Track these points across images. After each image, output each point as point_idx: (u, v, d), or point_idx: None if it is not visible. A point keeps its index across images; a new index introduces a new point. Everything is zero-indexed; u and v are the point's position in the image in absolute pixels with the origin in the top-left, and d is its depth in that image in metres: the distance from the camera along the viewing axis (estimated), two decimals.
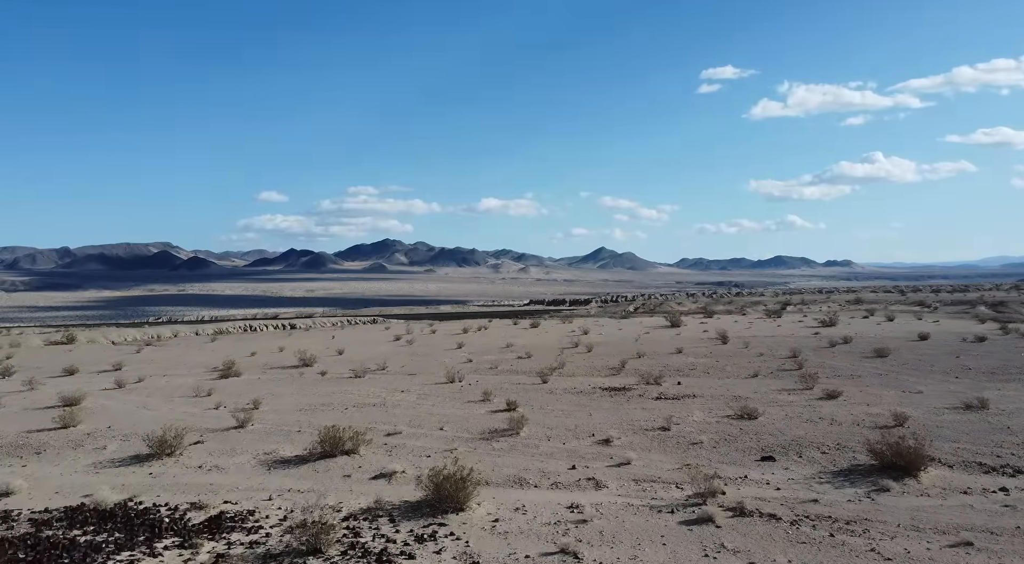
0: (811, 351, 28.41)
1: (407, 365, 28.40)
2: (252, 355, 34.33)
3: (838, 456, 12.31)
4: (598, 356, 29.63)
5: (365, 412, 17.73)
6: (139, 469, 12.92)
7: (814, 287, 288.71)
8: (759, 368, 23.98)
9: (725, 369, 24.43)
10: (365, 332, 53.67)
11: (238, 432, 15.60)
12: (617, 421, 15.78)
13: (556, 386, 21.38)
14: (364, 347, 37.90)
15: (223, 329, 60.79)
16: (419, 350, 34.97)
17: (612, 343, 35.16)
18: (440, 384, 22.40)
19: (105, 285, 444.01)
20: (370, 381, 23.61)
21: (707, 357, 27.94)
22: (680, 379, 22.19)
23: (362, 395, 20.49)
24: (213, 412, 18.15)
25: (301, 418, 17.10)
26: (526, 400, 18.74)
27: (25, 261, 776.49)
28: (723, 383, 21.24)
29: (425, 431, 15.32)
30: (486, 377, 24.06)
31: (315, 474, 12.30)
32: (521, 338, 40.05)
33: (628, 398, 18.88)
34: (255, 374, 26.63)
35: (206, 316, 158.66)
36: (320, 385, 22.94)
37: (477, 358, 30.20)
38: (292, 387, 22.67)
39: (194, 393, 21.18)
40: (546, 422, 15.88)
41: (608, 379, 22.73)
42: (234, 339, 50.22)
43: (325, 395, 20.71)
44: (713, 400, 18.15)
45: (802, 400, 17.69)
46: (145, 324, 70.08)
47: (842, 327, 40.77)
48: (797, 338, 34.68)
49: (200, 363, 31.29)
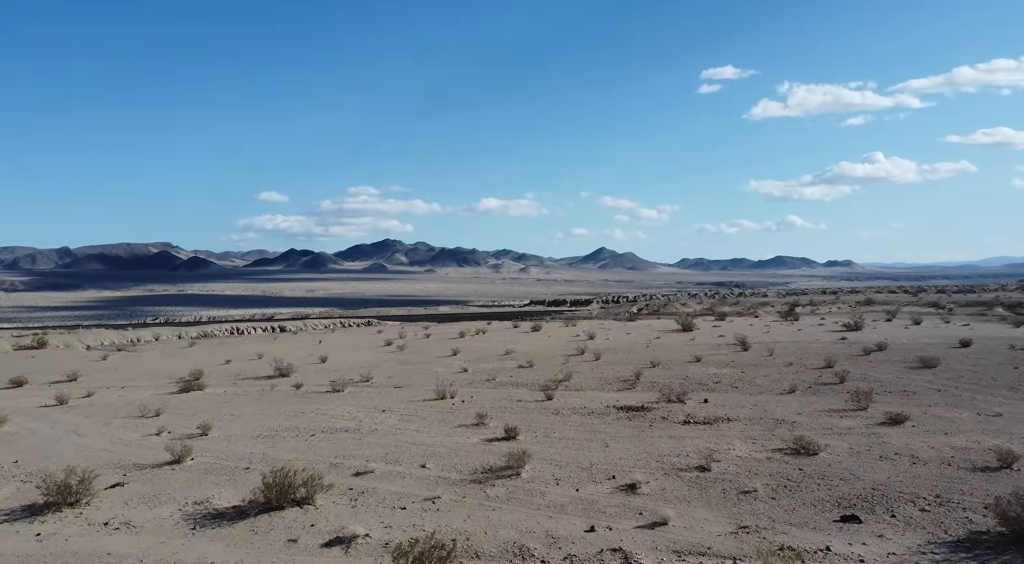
0: (846, 360, 25.42)
1: (394, 376, 25.41)
2: (226, 363, 31.33)
3: (944, 516, 9.30)
4: (607, 365, 26.66)
5: (334, 440, 14.74)
6: (26, 528, 9.93)
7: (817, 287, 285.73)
8: (794, 381, 20.98)
9: (755, 382, 21.43)
10: (355, 336, 50.62)
11: (172, 470, 12.60)
12: (641, 455, 12.79)
13: (563, 403, 18.39)
14: (351, 353, 34.90)
15: (208, 332, 57.71)
16: (410, 357, 31.98)
17: (621, 349, 32.17)
18: (429, 401, 19.40)
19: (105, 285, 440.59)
20: (349, 396, 20.62)
21: (730, 367, 24.95)
22: (706, 395, 19.20)
23: (336, 415, 17.49)
24: (153, 440, 15.15)
25: (255, 449, 14.11)
26: (528, 423, 15.76)
27: (25, 261, 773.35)
28: (757, 401, 18.24)
29: (403, 469, 12.33)
30: (482, 391, 21.08)
31: (251, 537, 9.32)
32: (522, 343, 37.07)
33: (650, 421, 15.88)
34: (222, 387, 23.64)
35: (204, 316, 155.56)
36: (290, 402, 19.94)
37: (473, 367, 27.22)
38: (257, 404, 19.65)
39: (141, 413, 18.19)
40: (553, 456, 12.89)
41: (622, 395, 19.74)
42: (215, 343, 47.16)
43: (293, 415, 17.72)
44: (752, 425, 15.16)
45: (861, 426, 14.69)
46: (128, 327, 67.11)
47: (868, 331, 37.78)
48: (823, 344, 31.68)
49: (166, 373, 28.29)
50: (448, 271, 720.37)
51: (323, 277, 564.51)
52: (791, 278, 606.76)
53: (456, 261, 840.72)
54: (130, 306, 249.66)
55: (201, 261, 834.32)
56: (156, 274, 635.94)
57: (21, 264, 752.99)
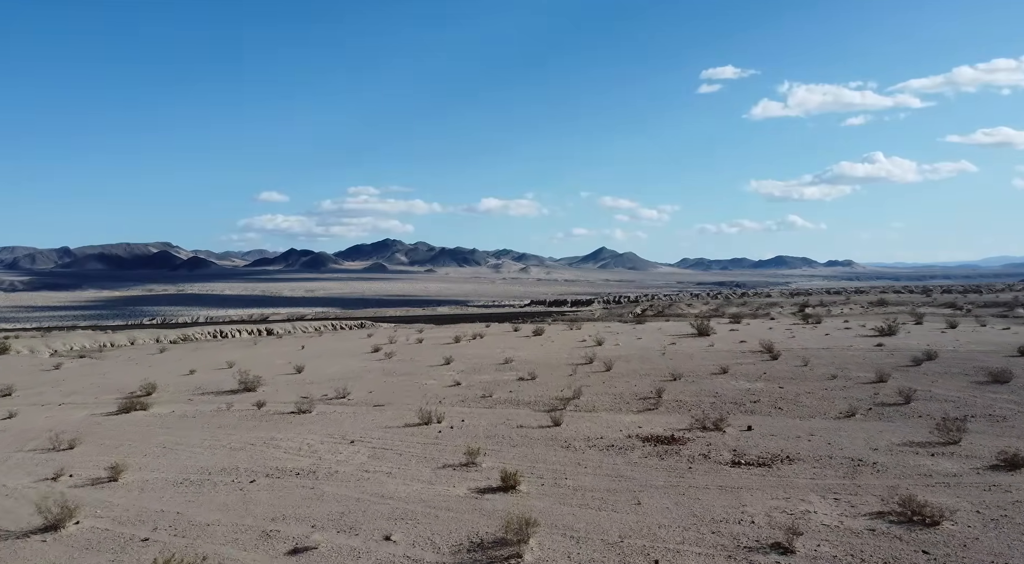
0: (897, 372, 21.98)
1: (376, 391, 22.00)
2: (190, 373, 27.91)
3: None
4: (621, 377, 23.24)
5: (279, 490, 11.30)
6: None
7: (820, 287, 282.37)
8: (849, 401, 17.54)
9: (799, 401, 18.01)
10: (343, 340, 47.07)
11: (41, 542, 9.18)
12: (688, 520, 9.37)
13: (574, 431, 14.97)
14: (332, 361, 31.46)
15: (189, 336, 54.14)
16: (397, 367, 28.55)
17: (634, 358, 28.73)
18: (410, 427, 15.97)
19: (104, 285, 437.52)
20: (316, 419, 17.20)
21: (764, 381, 21.52)
22: (747, 419, 15.79)
23: (291, 449, 14.06)
24: (43, 488, 11.71)
25: (170, 504, 10.68)
26: (532, 463, 12.34)
27: (25, 261, 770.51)
28: (812, 428, 14.82)
29: (359, 543, 8.89)
30: (476, 412, 17.67)
31: None
32: (523, 350, 33.63)
33: (688, 461, 12.43)
34: (172, 405, 20.21)
35: (201, 317, 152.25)
36: (243, 427, 16.50)
37: (468, 379, 23.81)
38: (202, 431, 16.21)
39: (52, 444, 14.72)
40: (567, 520, 9.47)
41: (644, 418, 16.32)
42: (190, 349, 43.64)
43: (238, 448, 14.28)
44: (824, 468, 11.72)
45: (969, 471, 11.26)
46: (108, 329, 63.72)
47: (904, 336, 34.30)
48: (860, 352, 28.23)
49: (117, 386, 24.87)
50: (448, 271, 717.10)
51: (323, 277, 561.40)
52: (792, 278, 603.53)
53: (456, 261, 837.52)
54: (129, 306, 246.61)
55: (201, 261, 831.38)
56: (156, 274, 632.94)
57: (21, 264, 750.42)
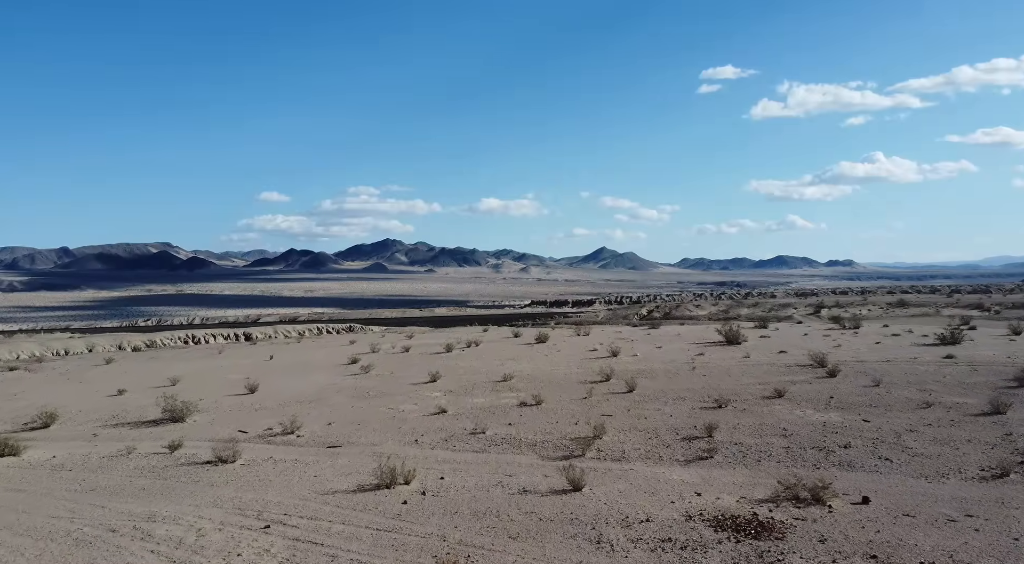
0: (1002, 395, 16.97)
1: (336, 422, 17.06)
2: (118, 394, 22.97)
3: None
4: (650, 401, 18.32)
5: None
6: None
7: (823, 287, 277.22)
8: (978, 446, 12.60)
9: (906, 445, 13.09)
10: (321, 347, 41.93)
11: None
12: None
13: (604, 504, 10.05)
14: (298, 377, 26.47)
15: (154, 341, 49.03)
16: (373, 385, 23.60)
17: (659, 372, 23.79)
18: (364, 492, 11.02)
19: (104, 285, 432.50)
20: (233, 478, 12.24)
21: (838, 410, 16.57)
22: (852, 480, 10.86)
23: (165, 545, 9.11)
24: None
25: None
26: None
27: (24, 261, 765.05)
28: (955, 498, 9.90)
29: None
30: (461, 461, 12.75)
31: None
32: (524, 361, 28.66)
33: None
34: (61, 444, 15.27)
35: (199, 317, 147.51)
36: (121, 495, 11.51)
37: (456, 404, 18.89)
38: (57, 503, 11.20)
39: None
40: None
41: (700, 473, 11.40)
42: (144, 359, 38.45)
43: (83, 542, 9.34)
44: None
45: None
46: (68, 333, 58.81)
47: (970, 346, 29.31)
48: (932, 366, 23.24)
49: (19, 411, 19.91)
50: (448, 271, 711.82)
51: (323, 277, 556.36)
52: (793, 278, 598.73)
53: (456, 261, 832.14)
54: (128, 306, 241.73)
55: (201, 261, 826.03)
56: (155, 274, 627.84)
57: (20, 264, 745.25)
